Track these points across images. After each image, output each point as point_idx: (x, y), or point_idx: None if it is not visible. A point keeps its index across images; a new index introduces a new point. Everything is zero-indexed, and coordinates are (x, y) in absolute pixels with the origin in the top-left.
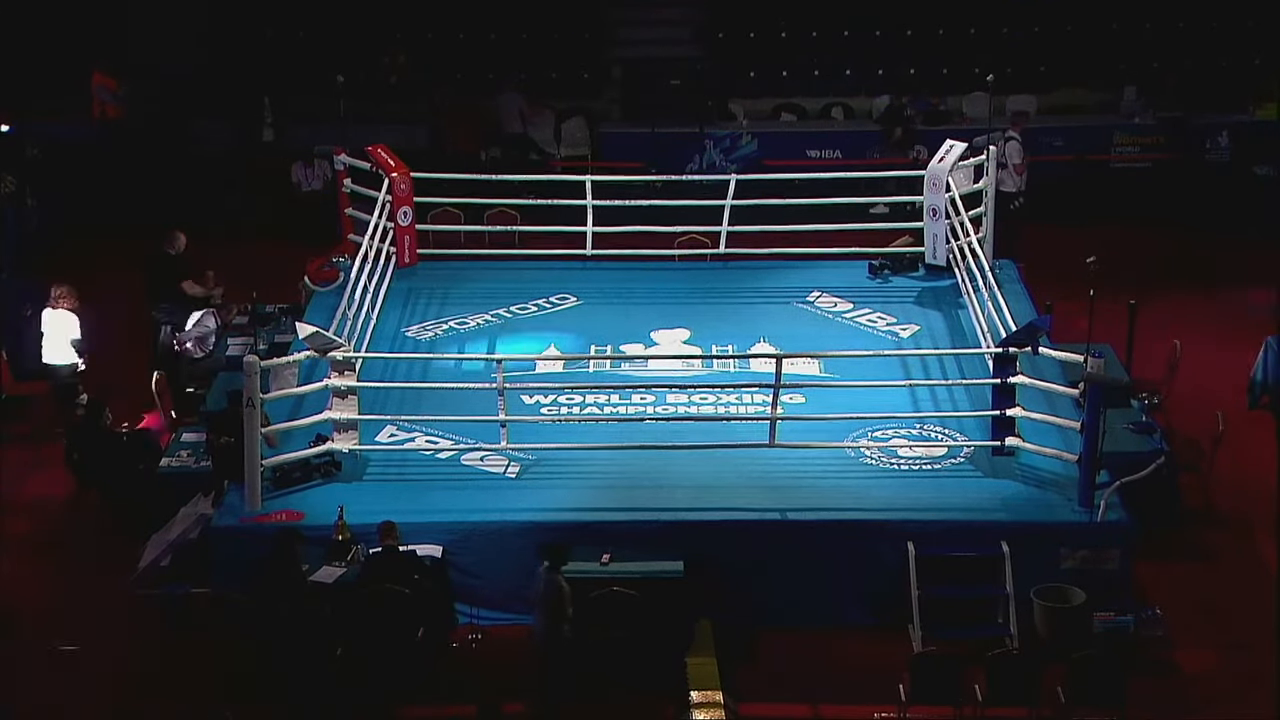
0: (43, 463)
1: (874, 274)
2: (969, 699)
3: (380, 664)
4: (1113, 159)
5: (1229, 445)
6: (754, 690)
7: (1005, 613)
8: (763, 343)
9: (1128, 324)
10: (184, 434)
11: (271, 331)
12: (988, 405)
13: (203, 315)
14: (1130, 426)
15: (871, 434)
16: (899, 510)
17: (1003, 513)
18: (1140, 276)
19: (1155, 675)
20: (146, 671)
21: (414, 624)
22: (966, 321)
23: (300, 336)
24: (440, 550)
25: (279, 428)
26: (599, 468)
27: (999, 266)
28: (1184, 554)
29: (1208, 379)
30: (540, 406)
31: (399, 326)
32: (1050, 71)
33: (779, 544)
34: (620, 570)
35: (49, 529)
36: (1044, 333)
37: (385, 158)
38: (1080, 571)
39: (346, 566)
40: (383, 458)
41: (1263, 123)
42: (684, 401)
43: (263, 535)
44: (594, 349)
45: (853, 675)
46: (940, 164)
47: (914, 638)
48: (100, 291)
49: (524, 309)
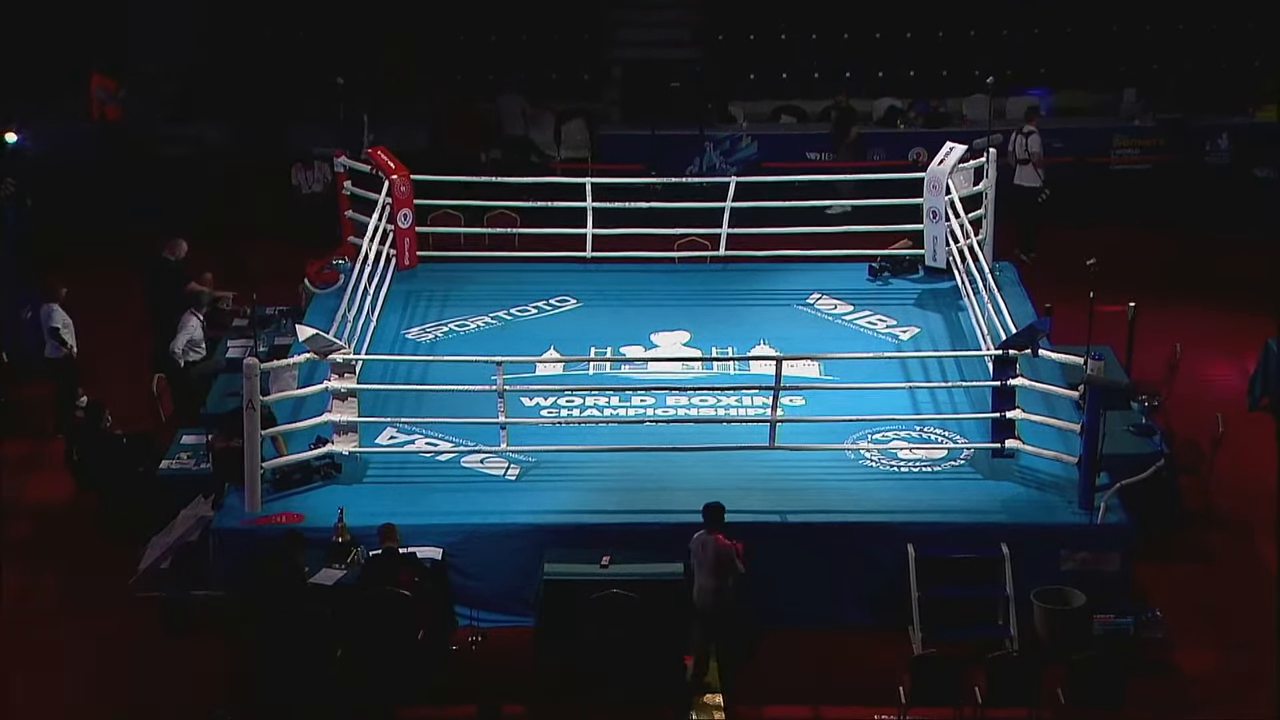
0: (43, 464)
1: (874, 276)
2: (969, 700)
3: (380, 666)
4: (1113, 161)
5: (1229, 447)
6: (754, 691)
7: (1005, 614)
8: (763, 345)
9: (1128, 326)
10: (184, 436)
11: (271, 334)
12: (988, 407)
13: (184, 317)
14: (1130, 428)
15: (871, 436)
16: (899, 512)
17: (1003, 515)
18: (1140, 278)
19: (1155, 677)
20: (146, 672)
21: (414, 626)
22: (966, 324)
23: (300, 339)
24: (440, 552)
25: (284, 429)
26: (599, 470)
27: (999, 269)
28: (1184, 556)
29: (1207, 381)
30: (540, 409)
31: (399, 329)
32: (1050, 74)
33: (779, 546)
34: (620, 572)
35: (49, 530)
36: (1044, 335)
37: (385, 160)
38: (1080, 573)
39: (346, 569)
40: (383, 460)
41: (1262, 125)
42: (684, 403)
43: (263, 537)
44: (594, 351)
45: (853, 676)
46: (940, 166)
47: (914, 639)
48: (100, 293)
49: (524, 311)
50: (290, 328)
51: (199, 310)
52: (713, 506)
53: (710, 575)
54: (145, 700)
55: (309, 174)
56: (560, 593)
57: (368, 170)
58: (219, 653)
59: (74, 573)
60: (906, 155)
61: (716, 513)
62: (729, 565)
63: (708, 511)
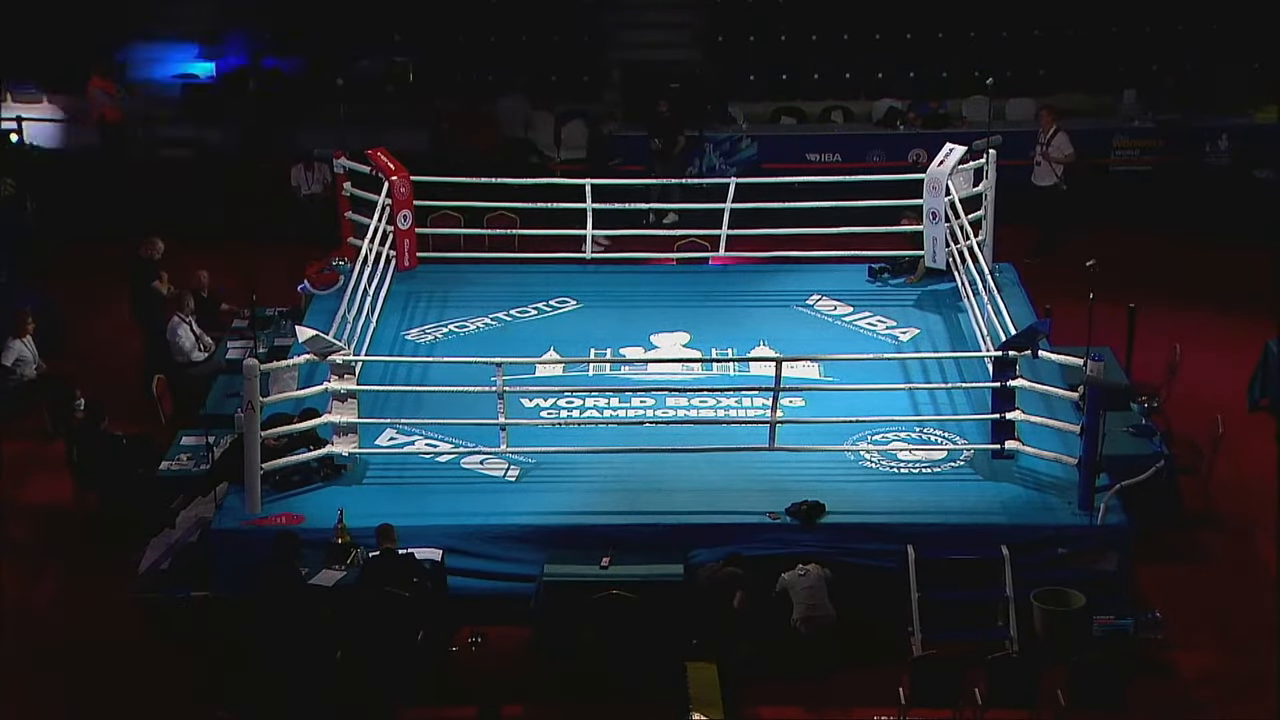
0: (43, 465)
1: (874, 277)
2: (969, 702)
3: (380, 667)
4: (1112, 162)
5: (1228, 448)
6: (754, 692)
7: (1005, 615)
8: (762, 346)
9: (1127, 327)
10: (183, 437)
11: (271, 335)
12: (987, 408)
13: (170, 325)
14: (1130, 429)
15: (871, 437)
16: (899, 513)
17: (1002, 516)
18: (1140, 280)
19: (1155, 678)
20: (146, 673)
21: (413, 627)
22: (966, 325)
23: (300, 340)
24: (440, 553)
25: (283, 430)
26: (599, 471)
27: (999, 270)
28: (1184, 557)
29: (1207, 382)
30: (540, 410)
31: (399, 330)
32: (1050, 75)
33: (779, 547)
34: (620, 574)
35: (49, 530)
36: (1044, 336)
37: (385, 161)
38: (1080, 574)
39: (346, 570)
40: (383, 461)
41: (1262, 126)
42: (684, 405)
43: (263, 538)
44: (594, 352)
45: (853, 677)
46: (940, 167)
47: (914, 640)
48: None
49: (524, 312)
50: (290, 329)
51: (184, 313)
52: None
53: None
54: (145, 701)
55: (309, 175)
56: (560, 593)
57: (367, 171)
58: (218, 653)
59: (74, 573)
60: (906, 156)
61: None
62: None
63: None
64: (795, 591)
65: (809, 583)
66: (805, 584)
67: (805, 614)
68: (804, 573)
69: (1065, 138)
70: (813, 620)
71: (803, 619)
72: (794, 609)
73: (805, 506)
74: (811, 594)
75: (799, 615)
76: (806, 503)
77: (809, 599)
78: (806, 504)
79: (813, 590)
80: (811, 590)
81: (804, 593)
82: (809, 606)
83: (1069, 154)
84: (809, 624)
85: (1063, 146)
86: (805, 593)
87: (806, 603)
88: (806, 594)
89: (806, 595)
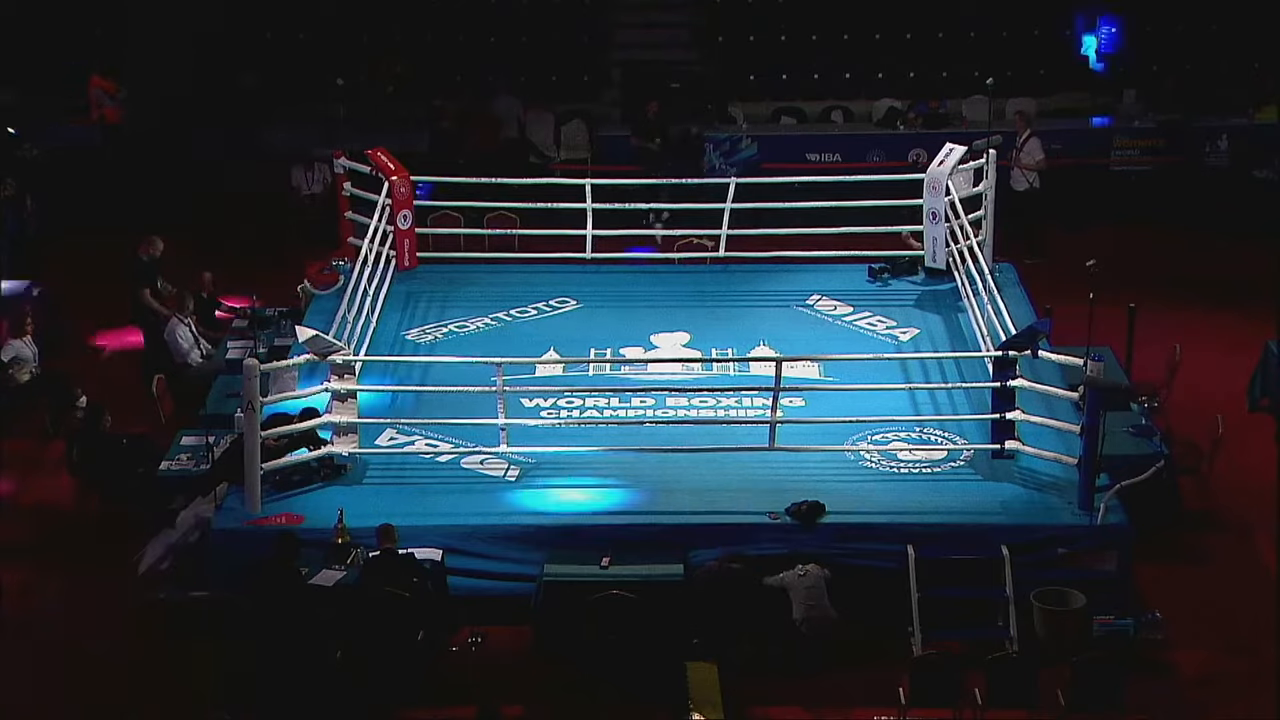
0: (43, 465)
1: (874, 277)
2: (968, 702)
3: (380, 667)
4: (1112, 162)
5: (1229, 448)
6: (753, 692)
7: (1005, 615)
8: (762, 346)
9: (1127, 327)
10: (184, 437)
11: (271, 335)
12: (987, 408)
13: (168, 327)
14: (1130, 429)
15: (871, 437)
16: (899, 513)
17: (1002, 516)
18: (1140, 280)
19: (1155, 678)
20: (146, 673)
21: (413, 627)
22: (966, 325)
23: (300, 340)
24: (440, 553)
25: (282, 430)
26: (599, 471)
27: (999, 270)
28: (1184, 557)
29: (1207, 382)
30: (540, 410)
31: (399, 330)
32: (1049, 75)
33: (779, 547)
34: (620, 574)
35: (49, 530)
36: (1044, 336)
37: (385, 161)
38: (1080, 574)
39: (346, 570)
40: (383, 461)
41: (1262, 126)
42: (684, 405)
43: (263, 538)
44: (594, 352)
45: (853, 677)
46: (940, 167)
47: (914, 640)
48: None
49: (524, 312)
50: (290, 329)
51: (184, 313)
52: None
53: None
54: (145, 701)
55: (309, 175)
56: (560, 593)
57: (367, 171)
58: (218, 654)
59: (74, 573)
60: (906, 156)
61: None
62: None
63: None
64: (795, 591)
65: (809, 583)
66: (805, 584)
67: (805, 614)
68: (804, 573)
69: (1037, 143)
70: (813, 620)
71: (803, 619)
72: (794, 609)
73: (805, 506)
74: (811, 594)
75: (799, 615)
76: (806, 503)
77: (809, 599)
78: (806, 504)
79: (813, 590)
80: (811, 590)
81: (804, 593)
82: (809, 606)
83: (1039, 160)
84: (809, 624)
85: (1034, 152)
86: (805, 593)
87: (806, 603)
88: (806, 594)
89: (806, 595)
